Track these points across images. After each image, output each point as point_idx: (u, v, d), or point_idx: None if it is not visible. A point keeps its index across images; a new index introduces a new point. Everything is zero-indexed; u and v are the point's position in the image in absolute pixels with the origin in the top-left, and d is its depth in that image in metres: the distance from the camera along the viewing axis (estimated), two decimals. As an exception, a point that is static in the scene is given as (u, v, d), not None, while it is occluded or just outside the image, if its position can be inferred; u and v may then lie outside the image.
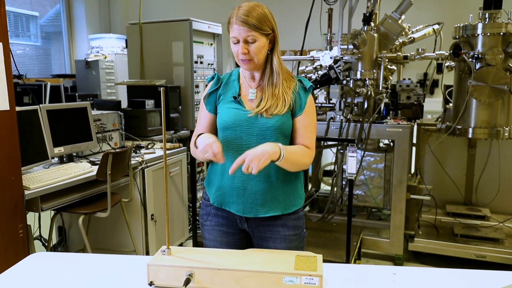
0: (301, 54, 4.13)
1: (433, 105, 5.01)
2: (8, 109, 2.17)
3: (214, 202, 1.73)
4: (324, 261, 1.40)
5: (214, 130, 1.72)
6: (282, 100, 1.62)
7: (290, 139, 1.69)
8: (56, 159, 3.00)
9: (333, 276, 1.43)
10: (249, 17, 1.54)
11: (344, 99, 3.61)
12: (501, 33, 3.09)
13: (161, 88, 1.32)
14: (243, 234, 1.75)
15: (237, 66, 1.72)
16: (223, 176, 1.67)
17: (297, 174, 1.72)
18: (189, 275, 1.33)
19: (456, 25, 3.35)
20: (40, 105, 2.77)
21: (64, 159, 3.02)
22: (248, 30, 1.54)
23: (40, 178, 2.45)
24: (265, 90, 1.64)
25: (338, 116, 3.52)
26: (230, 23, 1.58)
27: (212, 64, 4.61)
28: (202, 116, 1.74)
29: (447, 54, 3.39)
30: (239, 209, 1.67)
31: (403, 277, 1.45)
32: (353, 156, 2.61)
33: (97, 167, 2.73)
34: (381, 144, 3.96)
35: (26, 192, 2.30)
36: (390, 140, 3.88)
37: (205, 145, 1.52)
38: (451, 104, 3.61)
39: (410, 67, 5.02)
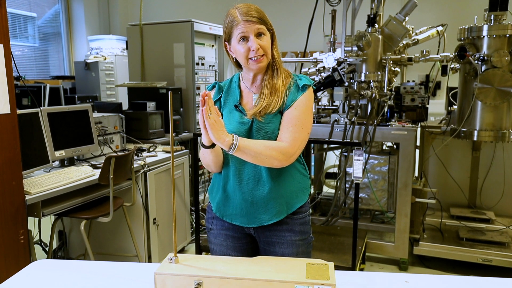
0: (303, 56, 4.10)
1: (436, 107, 4.99)
2: (9, 112, 2.13)
3: (216, 212, 1.71)
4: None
5: None
6: (278, 96, 1.56)
7: None
8: (57, 163, 2.96)
9: (344, 285, 1.39)
10: (256, 12, 1.53)
11: (348, 102, 3.57)
12: (507, 35, 3.06)
13: (169, 92, 1.28)
14: (249, 238, 1.72)
15: (240, 69, 1.67)
16: (225, 188, 1.66)
17: (292, 167, 1.64)
18: (198, 284, 1.29)
19: (461, 27, 3.32)
20: (41, 107, 2.72)
21: (65, 162, 2.98)
22: (259, 24, 1.52)
23: (41, 182, 2.41)
24: (264, 89, 1.59)
25: (342, 119, 3.48)
26: (233, 23, 1.54)
27: (213, 65, 4.58)
28: None
29: (452, 56, 3.36)
30: (243, 221, 1.65)
31: (416, 285, 1.41)
32: (359, 160, 2.57)
33: (98, 170, 2.69)
34: (384, 147, 3.93)
35: (27, 197, 2.25)
36: (393, 143, 3.85)
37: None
38: (455, 107, 3.58)
39: (412, 68, 4.99)
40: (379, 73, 3.47)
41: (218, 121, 1.40)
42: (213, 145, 1.52)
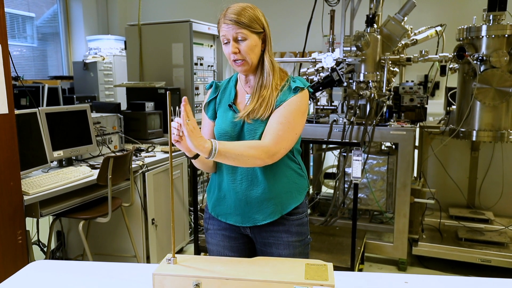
0: (302, 56, 4.09)
1: (435, 107, 4.98)
2: (7, 112, 2.12)
3: (212, 212, 1.71)
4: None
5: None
6: (267, 103, 1.54)
7: None
8: (55, 163, 2.95)
9: (344, 285, 1.39)
10: (237, 16, 1.49)
11: (347, 102, 3.57)
12: (506, 35, 3.06)
13: (168, 92, 1.27)
14: (246, 238, 1.71)
15: None
16: (220, 187, 1.66)
17: (287, 167, 1.62)
18: (196, 284, 1.29)
19: (460, 27, 3.32)
20: (39, 108, 2.71)
21: (64, 163, 2.97)
22: (237, 28, 1.49)
23: (39, 182, 2.40)
24: (254, 94, 1.58)
25: (341, 119, 3.48)
26: (219, 24, 1.54)
27: (212, 66, 4.57)
28: (205, 124, 1.71)
29: (451, 56, 3.36)
30: (237, 220, 1.64)
31: (416, 286, 1.41)
32: (358, 160, 2.57)
33: (97, 171, 2.68)
34: (383, 147, 3.92)
35: (25, 197, 2.25)
36: (392, 143, 3.85)
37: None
38: (453, 107, 3.58)
39: (411, 69, 4.99)
40: (378, 73, 3.47)
41: (196, 127, 1.35)
42: (195, 157, 1.49)
